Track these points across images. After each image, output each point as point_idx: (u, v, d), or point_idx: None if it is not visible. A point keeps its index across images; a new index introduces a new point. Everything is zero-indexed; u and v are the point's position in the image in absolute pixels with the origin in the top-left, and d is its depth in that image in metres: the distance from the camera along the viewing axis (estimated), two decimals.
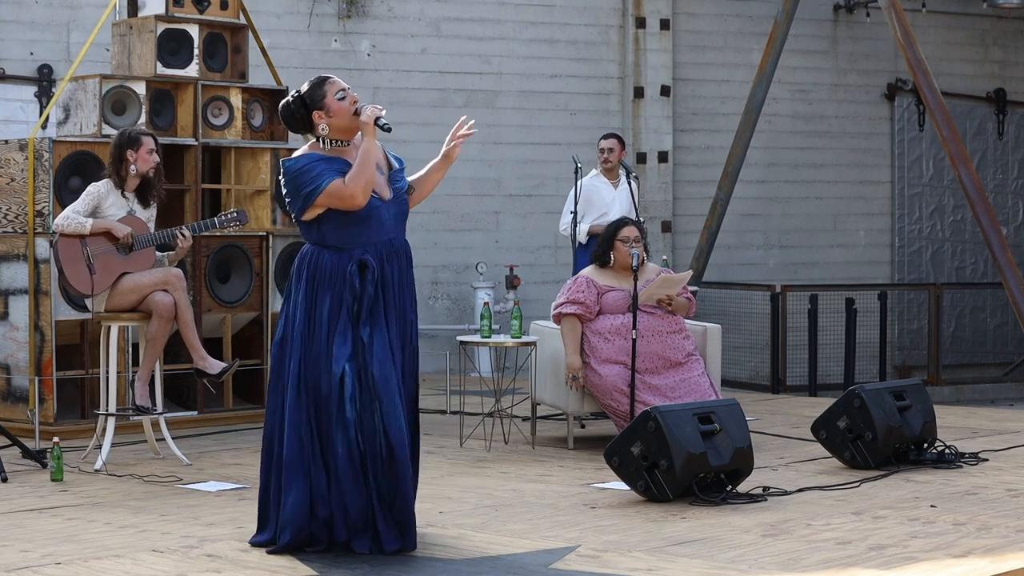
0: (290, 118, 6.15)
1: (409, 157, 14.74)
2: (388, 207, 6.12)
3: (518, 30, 14.36)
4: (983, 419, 10.49)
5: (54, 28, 12.60)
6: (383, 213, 6.09)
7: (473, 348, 10.59)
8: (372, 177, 5.99)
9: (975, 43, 16.56)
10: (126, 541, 6.25)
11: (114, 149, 8.42)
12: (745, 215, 15.20)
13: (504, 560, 5.90)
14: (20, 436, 8.40)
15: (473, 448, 8.94)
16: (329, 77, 6.18)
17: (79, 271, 8.23)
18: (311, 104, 6.10)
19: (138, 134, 8.44)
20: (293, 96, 6.16)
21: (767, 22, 14.53)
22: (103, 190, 8.37)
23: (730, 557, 5.94)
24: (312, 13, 13.54)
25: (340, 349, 5.93)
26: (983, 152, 16.64)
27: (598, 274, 8.98)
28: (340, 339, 5.95)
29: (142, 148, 8.36)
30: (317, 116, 6.09)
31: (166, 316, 8.22)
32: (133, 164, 8.36)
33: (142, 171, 8.40)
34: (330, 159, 6.04)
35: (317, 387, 5.94)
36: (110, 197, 8.37)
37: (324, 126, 6.10)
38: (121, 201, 8.40)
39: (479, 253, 14.09)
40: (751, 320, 13.83)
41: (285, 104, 6.18)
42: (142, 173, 8.41)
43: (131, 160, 8.35)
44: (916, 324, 15.69)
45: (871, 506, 7.03)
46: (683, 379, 8.71)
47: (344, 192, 5.95)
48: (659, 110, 14.77)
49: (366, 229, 6.06)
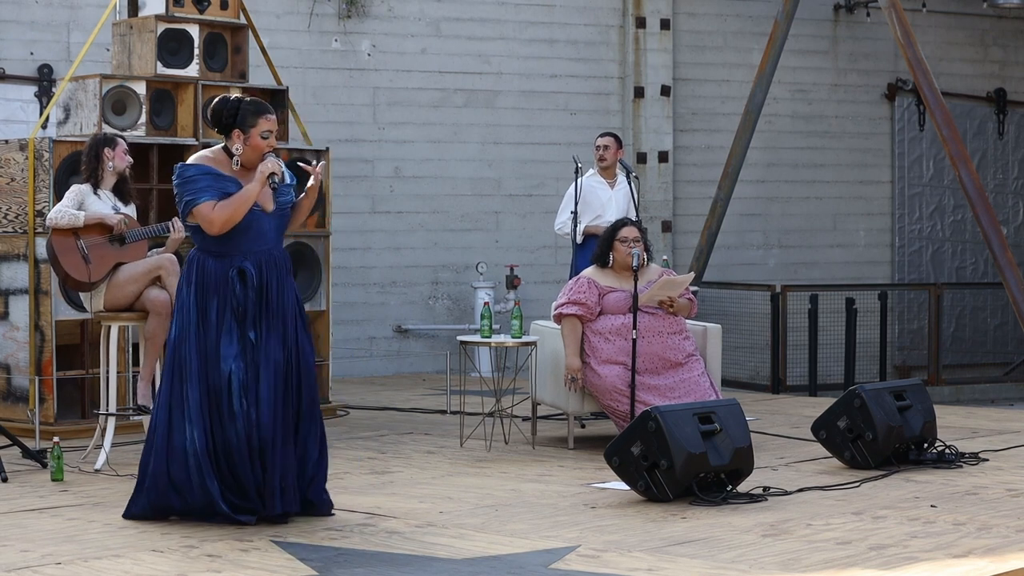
0: (216, 118, 6.64)
1: (409, 157, 14.79)
2: (269, 219, 6.64)
3: (518, 30, 14.36)
4: (983, 419, 10.49)
5: (54, 28, 12.60)
6: (264, 224, 6.61)
7: (473, 348, 10.59)
8: (237, 217, 6.49)
9: (975, 43, 16.56)
10: (126, 541, 6.25)
11: (89, 150, 8.59)
12: (745, 215, 15.20)
13: (504, 560, 5.90)
14: (20, 436, 8.40)
15: (473, 448, 8.95)
16: (267, 111, 6.64)
17: (75, 262, 8.28)
18: (239, 123, 6.58)
19: (112, 135, 8.69)
20: (232, 101, 6.61)
21: (767, 22, 14.53)
22: (85, 189, 8.49)
23: (730, 557, 5.94)
24: (312, 13, 13.53)
25: (227, 349, 6.53)
26: (983, 152, 16.64)
27: (599, 275, 8.98)
28: (227, 339, 6.54)
29: (118, 147, 8.55)
30: (236, 135, 6.63)
31: (163, 312, 8.24)
32: (111, 161, 8.50)
33: (119, 168, 8.56)
34: (219, 176, 6.56)
35: (212, 381, 6.53)
36: (90, 196, 8.46)
37: (238, 147, 6.62)
38: (103, 198, 8.48)
39: (479, 253, 14.09)
40: (751, 320, 13.83)
41: (222, 102, 6.64)
42: (119, 171, 8.54)
43: (108, 158, 8.52)
44: (916, 324, 15.69)
45: (871, 506, 7.03)
46: (683, 379, 8.71)
47: (209, 217, 6.49)
48: (659, 110, 14.77)
49: (246, 239, 6.57)
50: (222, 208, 6.49)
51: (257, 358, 6.53)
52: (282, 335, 6.59)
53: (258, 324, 6.55)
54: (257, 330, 6.54)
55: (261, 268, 6.59)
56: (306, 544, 6.17)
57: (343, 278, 13.33)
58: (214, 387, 6.54)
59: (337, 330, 12.35)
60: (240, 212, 6.51)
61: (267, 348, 6.55)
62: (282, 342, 6.58)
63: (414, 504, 7.11)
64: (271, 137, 6.63)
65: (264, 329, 6.56)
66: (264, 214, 6.61)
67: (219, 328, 6.54)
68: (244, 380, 6.51)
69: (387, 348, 13.85)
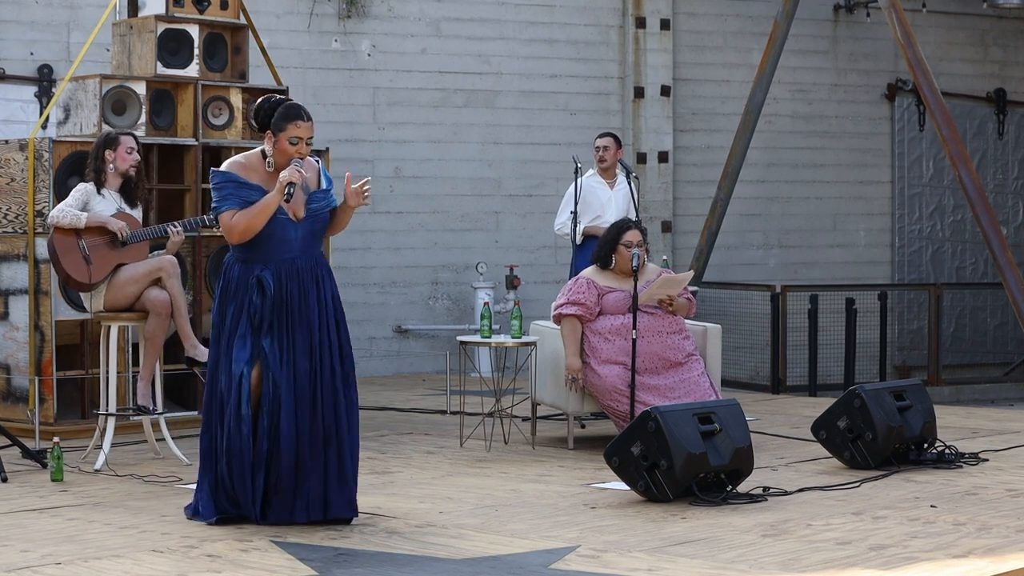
0: (256, 116, 6.63)
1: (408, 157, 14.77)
2: (298, 227, 6.62)
3: (518, 30, 14.36)
4: (983, 419, 10.49)
5: (54, 28, 12.60)
6: (289, 233, 6.59)
7: (473, 348, 10.60)
8: (256, 226, 6.49)
9: (975, 43, 16.56)
10: (126, 541, 6.25)
11: (93, 151, 8.57)
12: (745, 215, 15.20)
13: (504, 560, 5.90)
14: (20, 436, 8.40)
15: (473, 448, 8.95)
16: (299, 117, 6.59)
17: (76, 262, 8.28)
18: (272, 125, 6.58)
19: (116, 134, 8.65)
20: (273, 102, 6.62)
21: (767, 22, 14.53)
22: (90, 189, 8.47)
23: (730, 557, 5.94)
24: (312, 13, 13.54)
25: (240, 352, 6.52)
26: (983, 152, 16.64)
27: (599, 275, 8.98)
28: (240, 343, 6.53)
29: (120, 147, 8.51)
30: (268, 136, 6.62)
31: (163, 313, 8.25)
32: (112, 163, 8.48)
33: (121, 169, 8.52)
34: (242, 184, 6.57)
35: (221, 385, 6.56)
36: (95, 197, 8.45)
37: (269, 148, 6.62)
38: (108, 199, 8.46)
39: (479, 253, 14.09)
40: (751, 320, 13.83)
41: (264, 100, 6.64)
42: (122, 172, 8.52)
43: (109, 159, 8.49)
44: (916, 324, 15.69)
45: (871, 506, 7.03)
46: (683, 379, 8.71)
47: (228, 226, 6.54)
48: (659, 110, 14.77)
49: (268, 247, 6.57)
50: (240, 218, 6.49)
51: (276, 367, 6.49)
52: (308, 345, 6.54)
53: (276, 332, 6.52)
54: (274, 339, 6.51)
55: (281, 277, 6.55)
56: (306, 544, 6.17)
57: (343, 278, 13.29)
58: (223, 390, 6.55)
59: None
60: (258, 222, 6.48)
61: (292, 357, 6.51)
62: (308, 352, 6.54)
63: (414, 504, 7.11)
64: (300, 144, 6.55)
65: (287, 338, 6.52)
66: (291, 221, 6.57)
67: (233, 333, 6.53)
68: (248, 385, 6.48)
69: (387, 348, 13.85)
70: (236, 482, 6.51)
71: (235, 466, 6.50)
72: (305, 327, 6.54)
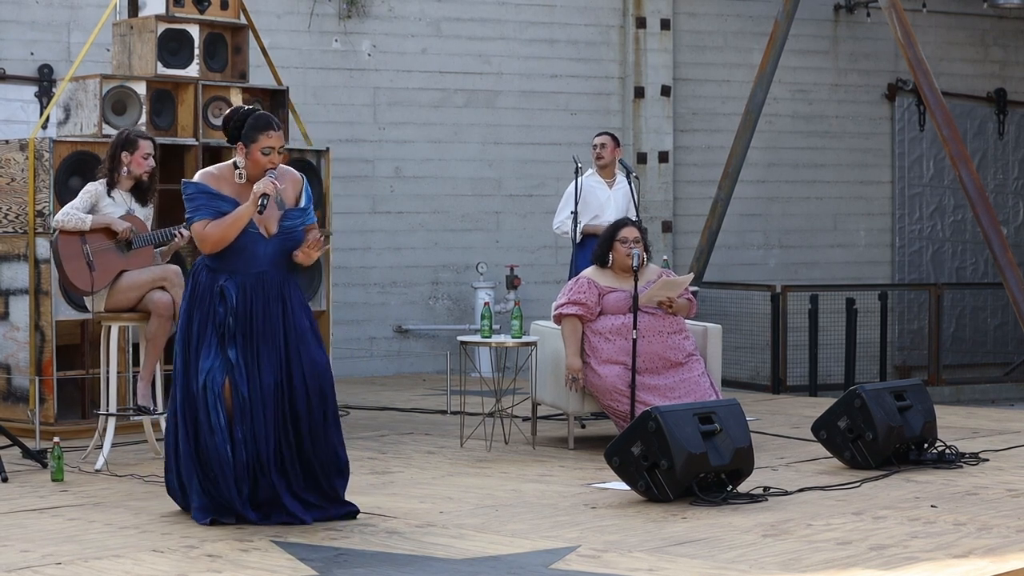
0: (225, 127, 6.63)
1: (409, 157, 14.76)
2: (268, 243, 6.61)
3: (518, 30, 14.36)
4: (983, 419, 10.49)
5: (54, 28, 12.60)
6: (259, 248, 6.59)
7: (473, 348, 10.59)
8: (228, 236, 6.49)
9: (975, 43, 16.56)
10: (126, 541, 6.25)
11: (111, 148, 8.47)
12: (745, 215, 15.20)
13: (504, 560, 5.90)
14: (20, 436, 8.40)
15: (473, 448, 8.94)
16: (269, 128, 6.57)
17: (79, 268, 8.25)
18: (242, 136, 6.55)
19: (136, 136, 8.49)
20: (242, 112, 6.59)
21: (767, 22, 14.53)
22: (100, 189, 8.42)
23: (730, 557, 5.94)
24: (312, 13, 13.54)
25: (204, 362, 6.53)
26: (983, 152, 16.64)
27: (599, 275, 8.98)
28: (205, 351, 6.55)
29: (138, 152, 8.42)
30: (239, 148, 6.62)
31: (165, 315, 8.23)
32: (127, 166, 8.41)
33: (135, 174, 8.46)
34: (214, 195, 6.57)
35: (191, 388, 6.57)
36: (106, 197, 8.40)
37: (240, 160, 6.61)
38: (118, 200, 8.42)
39: (479, 253, 14.09)
40: (751, 320, 13.83)
41: (233, 112, 6.63)
42: (135, 176, 8.45)
43: (125, 162, 8.42)
44: (916, 324, 15.69)
45: (871, 506, 7.03)
46: (683, 379, 8.71)
47: (200, 235, 6.54)
48: (659, 110, 14.77)
49: (238, 260, 6.58)
50: (213, 228, 6.51)
51: (243, 379, 6.50)
52: (275, 360, 6.56)
53: (240, 345, 6.53)
54: (239, 351, 6.52)
55: (245, 291, 6.55)
56: (306, 544, 6.17)
57: (343, 278, 13.33)
58: (192, 394, 6.58)
59: (337, 330, 12.35)
60: (230, 233, 6.50)
61: (258, 371, 6.53)
62: (274, 368, 6.55)
63: (414, 504, 7.11)
64: (272, 154, 6.55)
65: (251, 352, 6.54)
66: (262, 237, 6.57)
67: (199, 340, 6.56)
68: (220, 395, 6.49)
69: (387, 348, 13.85)
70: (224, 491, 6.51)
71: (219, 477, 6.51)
72: (270, 342, 6.56)
